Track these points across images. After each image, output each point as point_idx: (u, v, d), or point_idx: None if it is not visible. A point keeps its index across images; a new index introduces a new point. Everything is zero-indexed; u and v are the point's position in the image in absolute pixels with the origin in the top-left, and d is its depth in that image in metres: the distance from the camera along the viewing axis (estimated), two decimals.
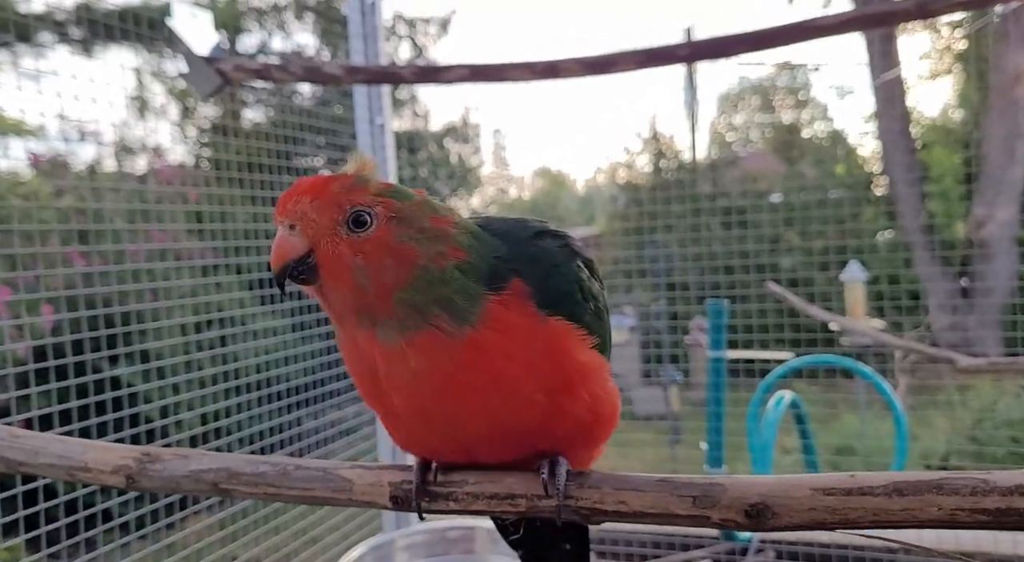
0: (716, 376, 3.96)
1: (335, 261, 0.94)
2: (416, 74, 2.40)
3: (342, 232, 0.94)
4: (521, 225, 1.10)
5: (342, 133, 3.90)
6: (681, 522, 0.95)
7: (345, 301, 0.96)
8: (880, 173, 8.24)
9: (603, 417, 1.06)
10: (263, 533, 2.79)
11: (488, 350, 0.95)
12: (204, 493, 1.15)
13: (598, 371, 1.05)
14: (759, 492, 0.91)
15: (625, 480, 0.98)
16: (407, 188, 1.02)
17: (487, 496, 1.02)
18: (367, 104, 3.10)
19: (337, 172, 0.99)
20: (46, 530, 2.03)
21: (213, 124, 4.41)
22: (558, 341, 0.99)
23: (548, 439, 1.02)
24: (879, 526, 0.88)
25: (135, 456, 1.15)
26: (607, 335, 1.11)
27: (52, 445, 1.19)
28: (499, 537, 1.37)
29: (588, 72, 2.11)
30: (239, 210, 3.06)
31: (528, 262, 1.01)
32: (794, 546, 3.61)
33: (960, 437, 5.03)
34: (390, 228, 0.95)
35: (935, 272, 6.90)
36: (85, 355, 2.22)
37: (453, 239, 0.97)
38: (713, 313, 3.98)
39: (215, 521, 2.64)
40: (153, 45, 3.49)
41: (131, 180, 3.49)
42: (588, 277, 1.09)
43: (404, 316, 0.94)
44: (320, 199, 0.95)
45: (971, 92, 7.75)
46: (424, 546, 1.62)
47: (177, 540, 2.46)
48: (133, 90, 3.76)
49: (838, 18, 1.89)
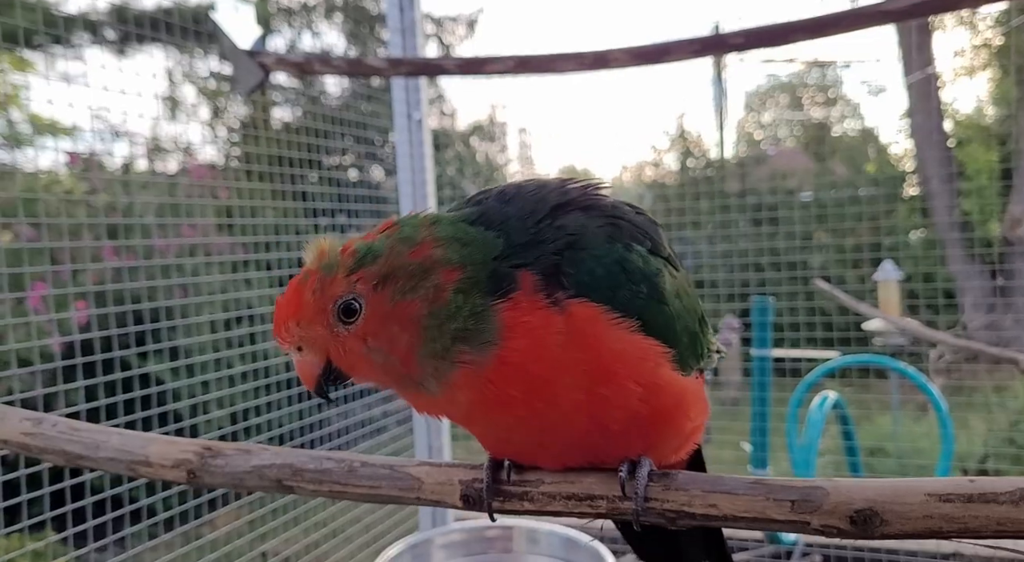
0: (761, 375, 3.84)
1: (352, 359, 0.94)
2: (460, 66, 2.34)
3: (340, 331, 0.93)
4: (538, 199, 1.00)
5: (370, 129, 3.91)
6: (777, 527, 0.90)
7: (383, 381, 0.97)
8: (913, 171, 8.10)
9: (664, 410, 0.97)
10: (298, 532, 2.80)
11: (517, 362, 0.90)
12: (267, 490, 1.12)
13: (647, 359, 0.94)
14: (866, 497, 0.84)
15: (717, 482, 0.92)
16: (371, 240, 0.96)
17: (564, 497, 0.97)
18: (405, 99, 3.09)
19: (303, 274, 0.96)
20: (73, 531, 2.04)
21: (243, 123, 4.44)
22: (582, 329, 0.91)
23: (608, 438, 0.96)
24: (1003, 536, 0.80)
25: (196, 451, 1.12)
26: (670, 319, 0.98)
27: (112, 438, 1.17)
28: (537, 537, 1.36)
29: (638, 62, 2.03)
30: (268, 207, 3.08)
31: (536, 247, 0.94)
32: (842, 550, 3.50)
33: (997, 439, 4.92)
34: (380, 297, 0.92)
35: (970, 271, 6.77)
36: (115, 351, 2.23)
37: (442, 261, 0.92)
38: (758, 310, 3.85)
39: (246, 522, 2.65)
40: (185, 46, 3.52)
41: (163, 178, 3.52)
42: (642, 256, 0.98)
43: (435, 367, 0.92)
44: (303, 316, 0.94)
45: (1008, 88, 7.59)
46: (462, 545, 1.60)
47: (208, 539, 2.47)
48: (165, 90, 3.80)
49: (907, 2, 1.75)
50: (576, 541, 1.56)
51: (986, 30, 8.41)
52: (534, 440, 0.97)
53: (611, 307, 0.92)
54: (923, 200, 7.22)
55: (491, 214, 0.99)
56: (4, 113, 3.04)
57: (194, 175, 3.43)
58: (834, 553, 3.52)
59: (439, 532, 1.64)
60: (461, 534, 1.63)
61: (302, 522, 2.84)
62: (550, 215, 0.97)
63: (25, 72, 2.85)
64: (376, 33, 9.52)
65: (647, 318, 0.94)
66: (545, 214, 0.97)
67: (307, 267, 0.96)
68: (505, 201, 1.01)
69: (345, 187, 3.63)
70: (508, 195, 1.02)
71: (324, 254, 0.95)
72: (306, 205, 3.39)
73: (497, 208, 1.00)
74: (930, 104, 7.50)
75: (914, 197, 7.52)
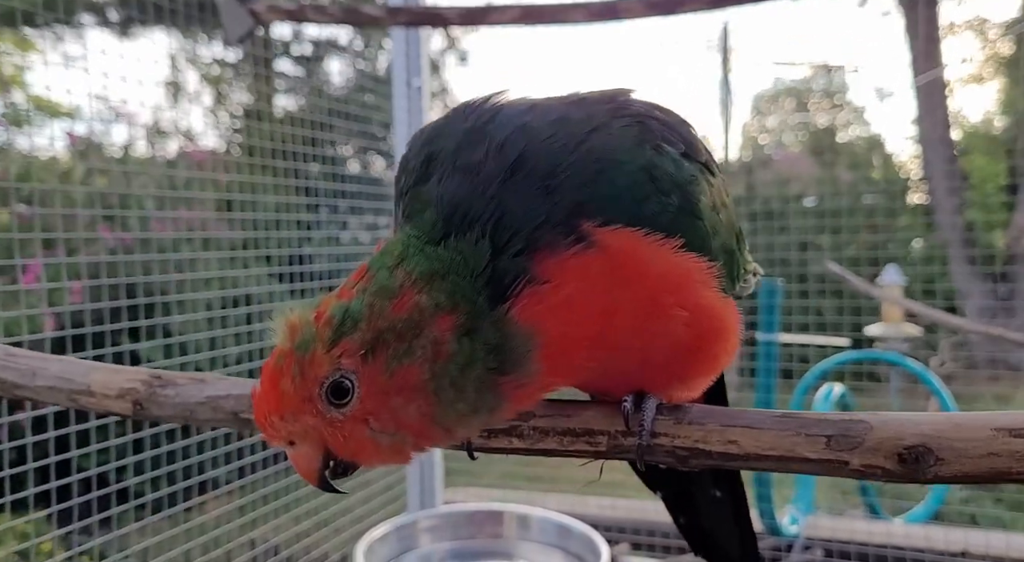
0: (767, 360, 3.68)
1: (355, 446, 0.80)
2: (462, 16, 2.22)
3: (335, 417, 0.78)
4: (562, 126, 0.83)
5: (373, 121, 3.88)
6: (809, 468, 0.77)
7: (398, 460, 0.83)
8: (920, 179, 8.06)
9: (707, 334, 0.86)
10: (287, 520, 2.78)
11: (566, 351, 0.80)
12: (221, 424, 1.01)
13: (690, 278, 0.83)
14: (920, 432, 0.72)
15: (737, 415, 0.81)
16: (345, 299, 0.80)
17: (559, 432, 0.86)
18: (404, 65, 3.00)
19: (276, 358, 0.81)
20: (58, 509, 2.01)
21: (245, 110, 4.42)
22: (622, 264, 0.79)
23: (648, 370, 0.85)
24: None
25: (144, 379, 1.02)
26: (705, 236, 0.85)
27: (51, 365, 1.05)
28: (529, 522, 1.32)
29: (651, 12, 1.95)
30: (269, 193, 3.05)
31: (548, 197, 0.80)
32: (846, 545, 3.40)
33: None
34: (372, 369, 0.77)
35: (973, 281, 6.73)
36: (105, 326, 2.21)
37: (429, 309, 0.78)
38: (766, 292, 3.67)
39: (235, 507, 2.63)
40: (189, 30, 3.50)
41: (162, 162, 3.50)
42: (673, 160, 0.84)
43: (467, 419, 0.80)
44: (286, 408, 0.79)
45: (1017, 98, 7.55)
46: (449, 528, 1.57)
47: (196, 523, 2.45)
48: (168, 75, 3.78)
49: None
50: (569, 528, 1.53)
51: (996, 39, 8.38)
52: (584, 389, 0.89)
53: (639, 225, 0.80)
54: (928, 208, 7.19)
55: (458, 201, 0.82)
56: (5, 93, 3.01)
57: (194, 159, 3.41)
58: (837, 547, 3.43)
59: (425, 515, 1.61)
60: (448, 517, 1.60)
61: (293, 509, 2.82)
62: (584, 142, 0.82)
63: (26, 52, 2.83)
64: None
65: (679, 235, 0.82)
66: (577, 144, 0.81)
67: (279, 348, 0.81)
68: (471, 168, 0.83)
69: (347, 182, 3.60)
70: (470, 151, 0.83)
71: (296, 329, 0.80)
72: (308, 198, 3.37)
73: (462, 186, 0.82)
74: (938, 111, 7.47)
75: (919, 205, 7.48)
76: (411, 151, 0.93)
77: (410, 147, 0.94)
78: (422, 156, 0.89)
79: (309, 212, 3.57)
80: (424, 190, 0.86)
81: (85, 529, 2.08)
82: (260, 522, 2.67)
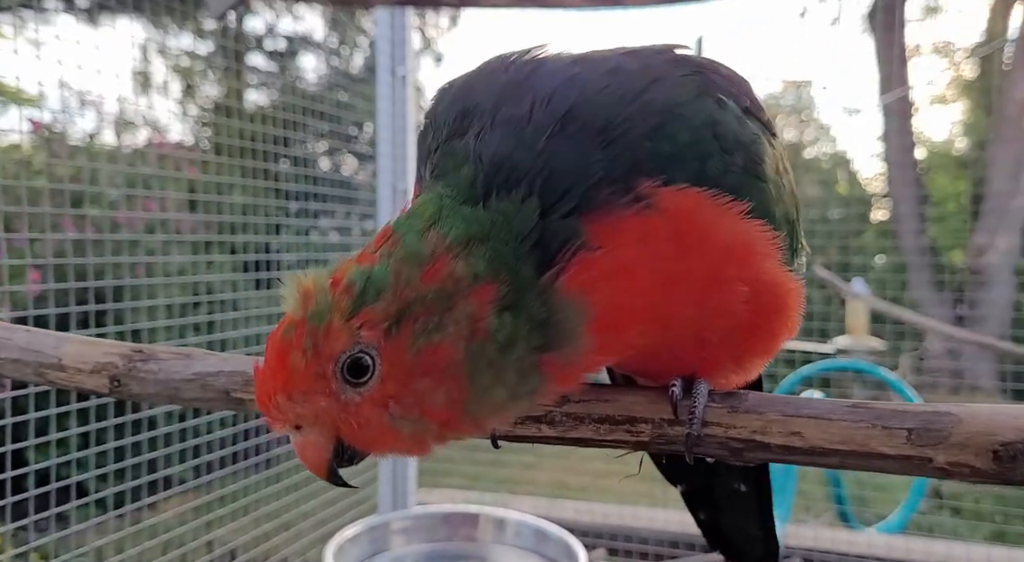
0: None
1: (371, 433, 0.70)
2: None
3: (351, 397, 0.69)
4: (617, 77, 0.74)
5: (346, 120, 3.83)
6: (886, 466, 0.68)
7: (417, 451, 0.75)
8: (884, 196, 8.22)
9: (768, 310, 0.77)
10: (247, 522, 2.71)
11: (619, 326, 0.71)
12: (210, 405, 0.90)
13: (755, 249, 0.74)
14: (1018, 425, 0.63)
15: (802, 404, 0.72)
16: (367, 264, 0.70)
17: (595, 420, 0.77)
18: (389, 52, 2.94)
19: (284, 328, 0.70)
20: (12, 500, 1.93)
21: (216, 104, 4.34)
22: (684, 229, 0.70)
23: (704, 350, 0.77)
24: None
25: (123, 353, 0.91)
26: (770, 202, 0.77)
27: (16, 336, 0.94)
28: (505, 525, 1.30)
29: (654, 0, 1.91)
30: (237, 187, 2.99)
31: (604, 150, 0.71)
32: (826, 555, 3.40)
33: None
34: (396, 344, 0.68)
35: (933, 297, 6.87)
36: (70, 328, 2.13)
37: (466, 278, 0.68)
38: None
39: (194, 505, 2.56)
40: (159, 20, 3.42)
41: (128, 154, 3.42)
42: (736, 117, 0.76)
43: (503, 407, 0.71)
44: (296, 387, 0.69)
45: (978, 119, 7.75)
46: (423, 530, 1.54)
47: (151, 523, 2.37)
48: (137, 64, 3.69)
49: None
50: (546, 532, 1.50)
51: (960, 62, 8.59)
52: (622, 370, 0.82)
53: (703, 185, 0.72)
54: (892, 225, 7.33)
55: (501, 157, 0.72)
56: None
57: (162, 151, 3.33)
58: (817, 557, 3.43)
59: (398, 516, 1.58)
60: (423, 519, 1.57)
61: (253, 510, 2.75)
62: (643, 94, 0.73)
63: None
64: None
65: (746, 198, 0.74)
66: (636, 95, 0.73)
67: (289, 316, 0.70)
68: (515, 121, 0.73)
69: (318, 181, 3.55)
70: (514, 105, 0.74)
71: (310, 296, 0.69)
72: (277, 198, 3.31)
73: (506, 140, 0.72)
74: (903, 130, 7.62)
75: (883, 221, 7.62)
76: (439, 104, 0.83)
77: (437, 101, 0.84)
78: (456, 109, 0.79)
79: (278, 211, 3.51)
80: (459, 145, 0.76)
81: (38, 524, 2.00)
82: (218, 523, 2.60)
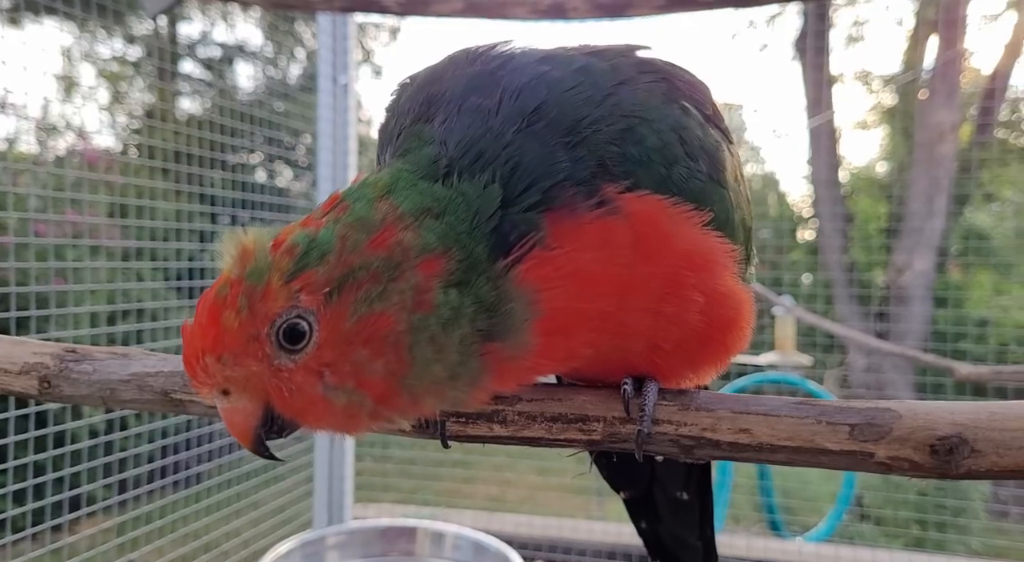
0: None
1: (303, 402, 0.68)
2: (402, 5, 2.07)
3: (283, 363, 0.66)
4: (587, 76, 0.74)
5: (282, 130, 3.77)
6: (830, 461, 0.70)
7: (349, 427, 0.72)
8: (810, 217, 8.52)
9: (719, 323, 0.77)
10: (165, 543, 2.61)
11: (567, 326, 0.70)
12: (149, 408, 0.87)
13: (714, 260, 0.75)
14: (953, 421, 0.66)
15: (751, 401, 0.73)
16: (312, 228, 0.68)
17: (548, 418, 0.77)
18: (331, 60, 2.92)
19: (218, 287, 0.68)
20: None
21: (145, 110, 4.22)
22: (645, 234, 0.70)
23: (657, 357, 0.76)
24: None
25: (55, 353, 0.87)
26: (730, 209, 0.77)
27: None
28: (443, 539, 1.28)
29: (598, 14, 1.90)
30: (166, 202, 2.90)
31: (572, 150, 0.70)
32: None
33: (873, 476, 5.15)
34: (336, 311, 0.65)
35: (854, 315, 7.15)
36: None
37: (414, 249, 0.67)
38: None
39: (112, 525, 2.45)
40: (85, 24, 3.32)
41: (50, 160, 3.29)
42: (699, 123, 0.76)
43: (442, 391, 0.69)
44: (226, 347, 0.66)
45: (898, 144, 8.12)
46: (359, 545, 1.50)
47: (67, 543, 2.26)
48: (61, 68, 3.56)
49: None
50: (484, 545, 1.49)
51: (880, 90, 9.00)
52: (570, 376, 0.82)
53: (667, 192, 0.71)
54: (816, 244, 7.60)
55: (468, 142, 0.71)
56: None
57: (87, 158, 3.22)
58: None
59: (334, 531, 1.54)
60: (359, 533, 1.53)
61: (179, 528, 2.65)
62: (611, 95, 0.73)
63: None
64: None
65: (708, 206, 0.74)
66: (603, 97, 0.73)
67: (224, 274, 0.68)
68: (483, 111, 0.72)
69: (252, 190, 3.48)
70: (481, 95, 0.73)
71: (248, 254, 0.67)
72: (209, 206, 3.23)
73: (474, 127, 0.72)
74: (829, 153, 7.93)
75: (809, 241, 7.90)
76: (402, 96, 0.83)
77: (399, 93, 0.84)
78: (420, 97, 0.79)
79: (209, 221, 3.42)
80: (426, 129, 0.75)
81: None
82: (141, 543, 2.50)
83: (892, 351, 3.72)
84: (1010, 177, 7.12)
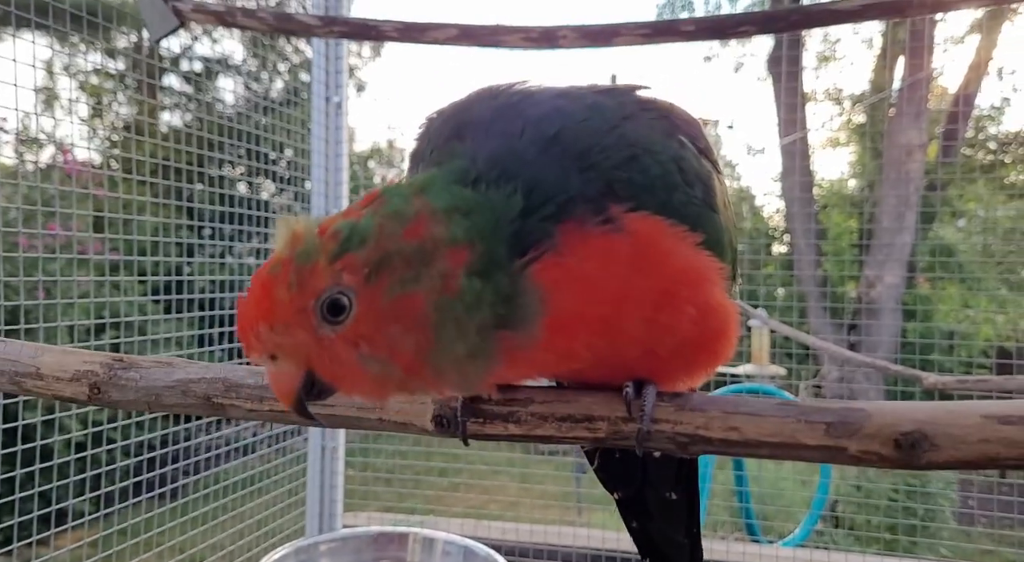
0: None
1: (340, 369, 0.77)
2: (400, 31, 2.10)
3: (326, 334, 0.75)
4: (597, 112, 0.85)
5: (265, 144, 3.79)
6: (809, 455, 0.79)
7: (377, 394, 0.81)
8: (783, 231, 8.67)
9: (710, 333, 0.87)
10: (152, 556, 2.60)
11: (572, 324, 0.78)
12: (192, 411, 0.95)
13: (705, 277, 0.84)
14: (915, 418, 0.75)
15: (740, 402, 0.83)
16: (354, 218, 0.78)
17: (557, 418, 0.85)
18: (324, 80, 2.96)
19: (271, 265, 0.78)
20: None
21: (127, 124, 4.22)
22: (645, 250, 0.79)
23: (653, 362, 0.85)
24: None
25: (103, 362, 0.95)
26: (721, 231, 0.87)
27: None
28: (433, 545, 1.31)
29: (588, 43, 1.95)
30: (148, 209, 2.91)
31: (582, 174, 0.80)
32: None
33: (847, 484, 5.25)
34: (373, 290, 0.75)
35: (827, 327, 7.29)
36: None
37: (444, 241, 0.76)
38: None
39: (95, 538, 2.44)
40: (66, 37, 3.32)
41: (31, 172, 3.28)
42: (695, 155, 0.87)
43: (462, 367, 0.78)
44: (278, 318, 0.76)
45: (868, 161, 8.30)
46: (351, 551, 1.53)
47: (47, 560, 2.24)
48: (41, 81, 3.56)
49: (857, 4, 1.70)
50: (474, 551, 1.52)
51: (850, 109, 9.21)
52: (571, 378, 0.89)
53: (666, 215, 0.81)
54: (791, 257, 7.74)
55: (495, 158, 0.81)
56: None
57: (68, 170, 3.21)
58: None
59: (327, 538, 1.57)
60: (351, 540, 1.56)
61: (163, 543, 2.65)
62: (618, 127, 0.83)
63: None
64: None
65: (701, 229, 0.84)
66: (612, 127, 0.83)
67: (278, 255, 0.77)
68: (508, 135, 0.83)
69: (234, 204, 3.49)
70: (506, 123, 0.84)
71: (299, 238, 0.77)
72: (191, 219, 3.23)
73: (501, 146, 0.82)
74: (801, 169, 8.09)
75: (782, 255, 8.04)
76: (432, 125, 0.94)
77: (429, 123, 0.95)
78: (451, 124, 0.89)
79: (191, 234, 3.43)
80: (458, 146, 0.85)
81: None
82: (123, 557, 2.49)
83: (864, 362, 3.80)
84: (976, 194, 7.32)
